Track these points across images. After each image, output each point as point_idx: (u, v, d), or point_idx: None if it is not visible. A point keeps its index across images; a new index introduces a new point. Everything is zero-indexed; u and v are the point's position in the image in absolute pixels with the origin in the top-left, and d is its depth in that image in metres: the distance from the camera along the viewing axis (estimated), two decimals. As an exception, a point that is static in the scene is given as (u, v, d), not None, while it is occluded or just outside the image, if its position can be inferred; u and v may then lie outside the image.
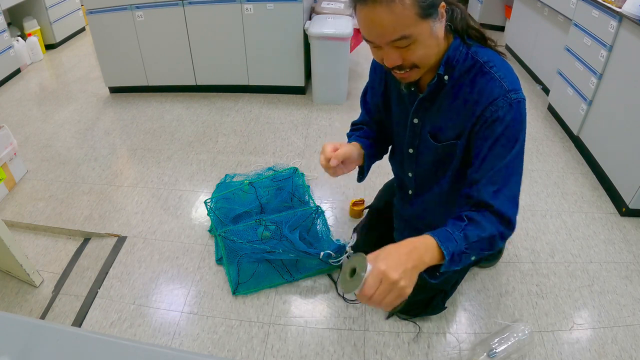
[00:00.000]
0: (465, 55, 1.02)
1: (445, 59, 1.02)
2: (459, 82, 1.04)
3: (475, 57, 1.02)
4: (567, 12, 2.55)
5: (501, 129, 0.99)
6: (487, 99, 0.99)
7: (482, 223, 0.99)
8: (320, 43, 2.66)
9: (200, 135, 2.61)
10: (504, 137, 0.99)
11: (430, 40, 0.95)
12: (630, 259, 1.77)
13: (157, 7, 2.72)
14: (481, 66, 1.01)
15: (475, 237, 0.97)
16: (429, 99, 1.10)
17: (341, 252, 1.65)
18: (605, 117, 2.15)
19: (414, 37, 0.92)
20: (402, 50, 0.94)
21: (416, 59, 0.96)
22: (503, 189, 1.01)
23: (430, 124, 1.14)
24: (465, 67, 1.03)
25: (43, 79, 3.48)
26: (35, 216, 2.01)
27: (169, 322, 1.53)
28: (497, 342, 1.38)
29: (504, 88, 0.98)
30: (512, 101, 0.98)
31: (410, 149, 1.24)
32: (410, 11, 0.88)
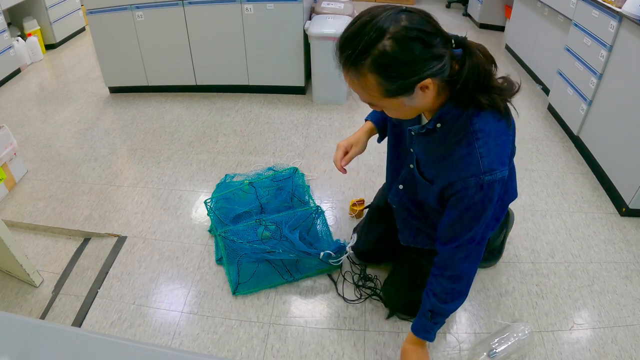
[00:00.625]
0: (459, 115, 0.99)
1: (438, 114, 1.01)
2: (447, 135, 1.04)
3: (467, 122, 0.98)
4: (567, 12, 2.55)
5: (467, 206, 1.02)
6: (460, 172, 1.00)
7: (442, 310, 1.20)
8: (320, 43, 2.66)
9: (200, 135, 2.61)
10: (469, 213, 1.04)
11: (403, 109, 0.96)
12: (630, 259, 1.77)
13: (157, 7, 2.72)
14: (467, 134, 0.98)
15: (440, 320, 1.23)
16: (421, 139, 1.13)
17: (341, 252, 1.65)
18: (605, 117, 2.15)
19: (383, 106, 0.96)
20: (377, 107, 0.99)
21: (392, 116, 1.03)
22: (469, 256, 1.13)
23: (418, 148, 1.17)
24: (457, 126, 1.00)
25: (43, 79, 3.48)
26: (35, 216, 2.01)
27: (169, 322, 1.53)
28: (497, 342, 1.38)
29: (480, 168, 0.97)
30: (483, 183, 0.97)
31: (411, 165, 1.26)
32: (373, 92, 0.90)
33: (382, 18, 0.84)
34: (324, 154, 2.41)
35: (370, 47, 0.84)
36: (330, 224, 1.89)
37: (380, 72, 0.86)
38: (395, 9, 0.86)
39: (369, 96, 0.93)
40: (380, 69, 0.86)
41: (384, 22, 0.84)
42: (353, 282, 1.65)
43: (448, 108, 0.99)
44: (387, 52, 0.84)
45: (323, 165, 2.32)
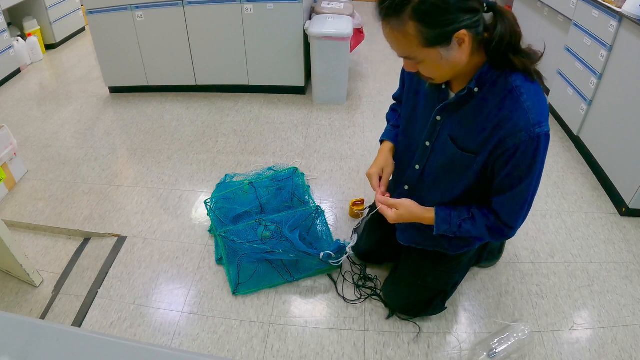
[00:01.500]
0: (498, 75, 1.02)
1: (478, 75, 1.02)
2: (487, 98, 1.04)
3: (508, 79, 1.01)
4: (567, 12, 2.55)
5: (519, 160, 1.03)
6: (511, 128, 1.00)
7: (477, 224, 1.18)
8: (320, 43, 2.66)
9: (200, 135, 2.61)
10: (521, 166, 1.04)
11: (440, 63, 0.98)
12: (630, 259, 1.77)
13: (157, 7, 2.72)
14: (512, 90, 1.00)
15: (465, 232, 1.20)
16: (455, 106, 1.12)
17: (341, 253, 1.65)
18: (605, 117, 2.15)
19: (420, 59, 0.97)
20: (414, 64, 1.00)
21: (428, 74, 1.03)
22: (517, 212, 1.13)
23: (451, 128, 1.15)
24: (497, 86, 1.02)
25: (43, 79, 3.48)
26: (35, 216, 2.01)
27: (169, 322, 1.53)
28: (497, 342, 1.38)
29: (530, 121, 0.98)
30: (534, 135, 0.99)
31: (427, 142, 1.24)
32: (413, 39, 0.93)
33: None
34: (324, 154, 2.41)
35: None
36: (330, 224, 1.89)
37: (420, 19, 0.89)
38: None
39: (408, 47, 0.95)
40: (420, 15, 0.89)
41: None
42: (353, 282, 1.65)
43: (486, 69, 1.01)
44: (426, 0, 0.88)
45: (323, 165, 2.32)
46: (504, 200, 1.13)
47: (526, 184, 1.07)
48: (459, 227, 1.20)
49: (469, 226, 1.19)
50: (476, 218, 1.19)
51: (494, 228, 1.18)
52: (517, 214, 1.14)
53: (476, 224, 1.19)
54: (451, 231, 1.21)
